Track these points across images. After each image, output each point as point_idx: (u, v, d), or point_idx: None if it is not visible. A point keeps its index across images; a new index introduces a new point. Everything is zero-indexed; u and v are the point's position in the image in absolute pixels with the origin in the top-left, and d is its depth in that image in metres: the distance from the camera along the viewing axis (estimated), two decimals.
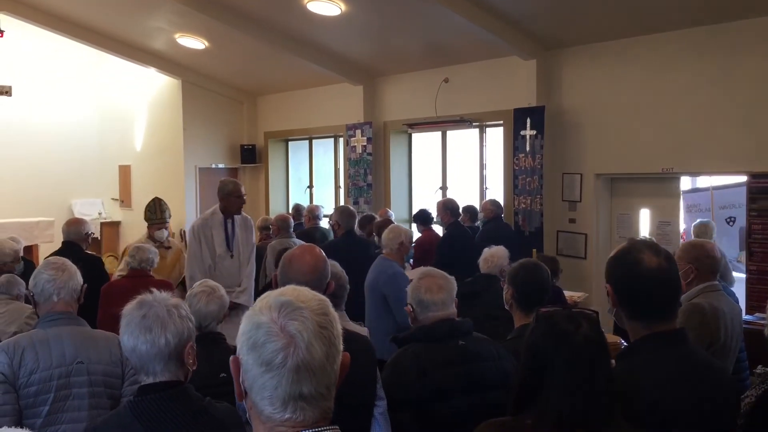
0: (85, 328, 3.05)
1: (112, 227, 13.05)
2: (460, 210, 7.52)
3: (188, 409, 2.06)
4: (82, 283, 3.12)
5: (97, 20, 10.20)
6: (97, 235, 12.06)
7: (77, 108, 13.10)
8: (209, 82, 11.66)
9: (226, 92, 12.02)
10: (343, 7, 7.71)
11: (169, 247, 6.44)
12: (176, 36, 9.80)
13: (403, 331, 3.11)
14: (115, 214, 13.33)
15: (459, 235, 7.09)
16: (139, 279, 5.00)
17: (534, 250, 7.26)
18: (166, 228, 6.43)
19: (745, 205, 6.47)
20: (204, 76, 11.53)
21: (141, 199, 12.62)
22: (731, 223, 7.49)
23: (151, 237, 6.32)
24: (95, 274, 5.66)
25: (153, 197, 6.62)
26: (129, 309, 2.15)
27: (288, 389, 1.24)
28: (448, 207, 7.36)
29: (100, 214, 13.02)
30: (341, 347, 1.32)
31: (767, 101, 6.23)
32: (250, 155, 12.14)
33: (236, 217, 5.69)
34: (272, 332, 1.25)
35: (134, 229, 12.60)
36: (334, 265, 3.38)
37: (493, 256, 4.79)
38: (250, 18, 8.71)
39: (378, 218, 7.72)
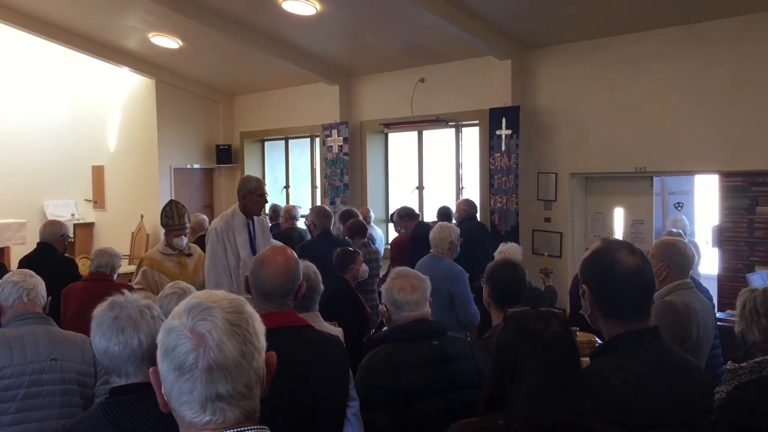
0: (56, 328, 3.03)
1: (85, 229, 12.89)
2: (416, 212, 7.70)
3: (160, 411, 2.03)
4: (47, 297, 3.11)
5: (69, 19, 10.06)
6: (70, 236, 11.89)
7: (49, 108, 12.93)
8: (184, 81, 11.56)
9: (201, 92, 11.92)
10: (318, 6, 7.69)
11: (190, 255, 5.74)
12: (150, 35, 9.69)
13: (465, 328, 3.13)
14: (88, 215, 13.17)
15: (421, 236, 7.15)
16: (97, 282, 4.93)
17: None
18: (185, 234, 5.76)
19: (692, 192, 6.67)
20: (178, 76, 11.42)
21: (114, 200, 12.54)
22: (679, 208, 7.63)
23: (169, 244, 5.64)
24: (70, 277, 5.60)
25: (168, 200, 5.98)
26: (100, 310, 2.12)
27: (203, 391, 1.22)
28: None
29: (73, 215, 12.85)
30: (261, 345, 1.30)
31: (739, 102, 6.33)
32: (226, 155, 12.06)
33: (255, 217, 5.31)
34: (182, 335, 1.24)
35: (108, 230, 12.49)
36: (307, 266, 3.39)
37: (508, 250, 5.12)
38: (225, 17, 8.65)
39: (360, 215, 7.75)
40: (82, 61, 12.04)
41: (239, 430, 1.25)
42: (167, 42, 9.79)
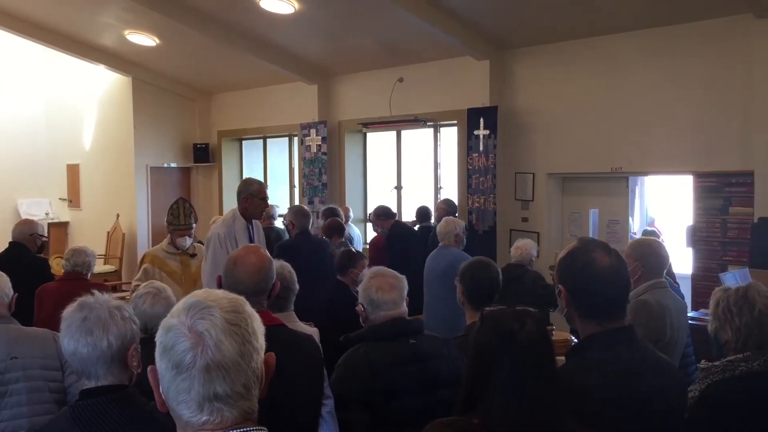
0: (16, 326, 3.00)
1: (59, 228, 12.73)
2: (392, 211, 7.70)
3: (132, 414, 2.00)
4: (12, 293, 3.06)
5: (44, 16, 9.92)
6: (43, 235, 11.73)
7: (24, 105, 12.76)
8: (161, 79, 11.45)
9: (179, 90, 11.82)
10: (296, 5, 7.66)
11: (194, 255, 5.58)
12: (126, 33, 9.59)
13: None
14: (63, 214, 13.00)
15: (398, 235, 7.18)
16: (73, 282, 4.86)
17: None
18: (190, 235, 5.60)
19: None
20: (155, 74, 11.31)
21: (90, 199, 12.39)
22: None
23: (172, 244, 5.50)
24: (42, 277, 5.51)
25: (177, 198, 5.75)
26: (69, 311, 2.08)
27: (201, 390, 1.22)
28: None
29: (47, 214, 12.67)
30: (260, 345, 1.29)
31: (713, 103, 6.40)
32: (203, 154, 11.97)
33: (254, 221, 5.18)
34: (180, 333, 1.23)
35: (83, 229, 12.35)
36: (282, 266, 3.36)
37: (524, 246, 5.39)
38: (202, 15, 8.58)
39: (342, 213, 7.77)
40: (57, 58, 11.89)
41: (237, 430, 1.24)
42: (144, 40, 9.70)
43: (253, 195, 5.03)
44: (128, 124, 11.47)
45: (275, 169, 11.79)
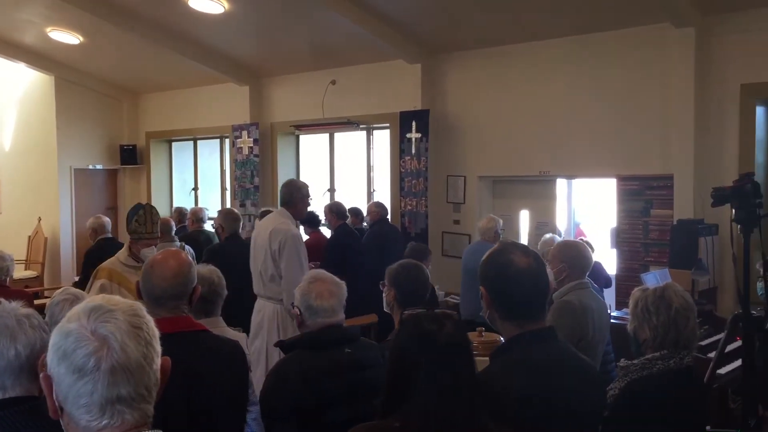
0: None
1: None
2: (347, 212, 7.56)
3: (43, 425, 1.91)
4: None
5: None
6: None
7: None
8: (85, 78, 11.08)
9: (104, 90, 11.47)
10: (226, 5, 7.54)
11: None
12: (48, 30, 9.24)
13: None
14: None
15: (345, 236, 7.12)
16: None
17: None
18: (156, 245, 4.85)
19: None
20: (79, 73, 10.94)
21: (10, 202, 11.88)
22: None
23: (133, 255, 4.61)
24: None
25: (139, 203, 5.02)
26: None
27: (105, 393, 1.22)
28: (334, 210, 7.38)
29: None
30: (159, 349, 1.31)
31: (634, 109, 6.62)
32: (131, 156, 11.65)
33: None
34: (82, 337, 1.23)
35: (2, 233, 11.79)
36: (211, 271, 3.29)
37: (550, 241, 5.45)
38: (127, 13, 8.34)
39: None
40: None
41: None
42: (67, 37, 9.37)
43: (306, 196, 5.22)
44: (51, 125, 11.06)
45: (206, 172, 11.58)
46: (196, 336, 2.39)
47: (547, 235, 6.11)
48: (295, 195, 5.13)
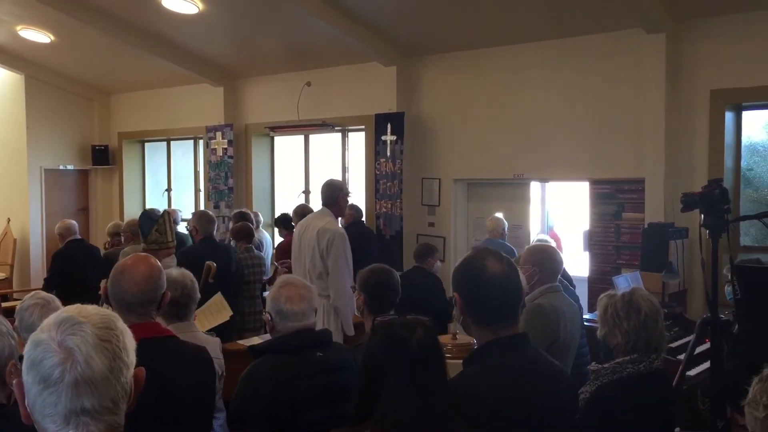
0: None
1: None
2: None
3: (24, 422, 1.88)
4: None
5: None
6: None
7: None
8: (56, 77, 10.92)
9: (76, 89, 11.31)
10: (200, 5, 7.48)
11: None
12: (18, 28, 9.09)
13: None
14: None
15: None
16: None
17: None
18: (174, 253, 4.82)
19: None
20: (50, 72, 10.77)
21: None
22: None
23: None
24: None
25: (153, 211, 4.85)
26: None
27: (68, 404, 1.24)
28: (299, 213, 7.39)
29: None
30: (131, 360, 1.32)
31: (607, 114, 6.68)
32: (103, 156, 11.51)
33: None
34: (49, 348, 1.25)
35: None
36: (183, 274, 3.27)
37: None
38: (100, 12, 8.24)
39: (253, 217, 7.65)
40: None
41: None
42: (38, 36, 9.23)
43: (346, 195, 5.50)
44: (21, 124, 10.88)
45: (180, 173, 11.47)
46: (162, 342, 2.37)
47: (541, 235, 6.27)
48: (338, 195, 5.40)
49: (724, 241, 3.27)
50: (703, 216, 3.25)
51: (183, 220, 8.44)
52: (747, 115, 6.29)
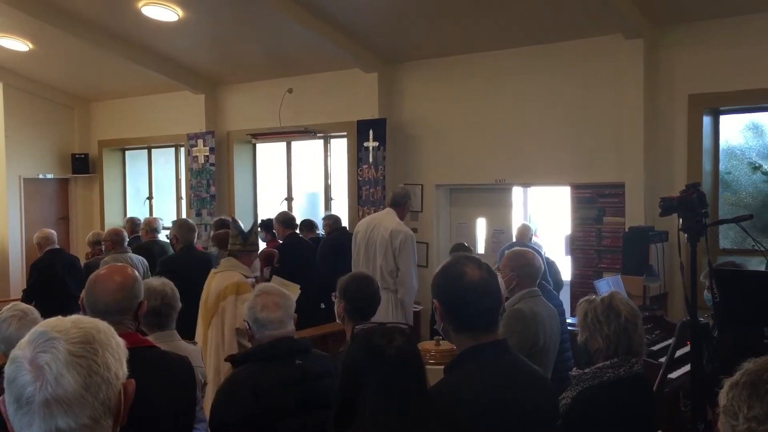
0: None
1: None
2: (295, 222, 7.56)
3: None
4: None
5: None
6: None
7: None
8: (35, 86, 10.82)
9: (55, 97, 11.22)
10: (180, 13, 7.45)
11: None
12: None
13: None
14: None
15: (293, 246, 7.11)
16: None
17: None
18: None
19: None
20: (29, 80, 10.69)
21: None
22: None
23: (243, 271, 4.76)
24: None
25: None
26: None
27: (42, 425, 1.19)
28: (280, 220, 7.37)
29: None
30: (114, 374, 1.26)
31: (585, 118, 6.73)
32: (83, 165, 11.41)
33: None
34: (21, 367, 1.21)
35: None
36: (164, 283, 3.24)
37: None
38: (79, 20, 8.19)
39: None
40: None
41: None
42: (15, 44, 9.15)
43: (410, 203, 6.05)
44: None
45: (161, 181, 11.40)
46: (140, 353, 2.34)
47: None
48: (407, 201, 5.90)
49: (702, 245, 3.29)
50: (681, 220, 3.27)
51: (164, 228, 8.37)
52: (724, 119, 6.36)
